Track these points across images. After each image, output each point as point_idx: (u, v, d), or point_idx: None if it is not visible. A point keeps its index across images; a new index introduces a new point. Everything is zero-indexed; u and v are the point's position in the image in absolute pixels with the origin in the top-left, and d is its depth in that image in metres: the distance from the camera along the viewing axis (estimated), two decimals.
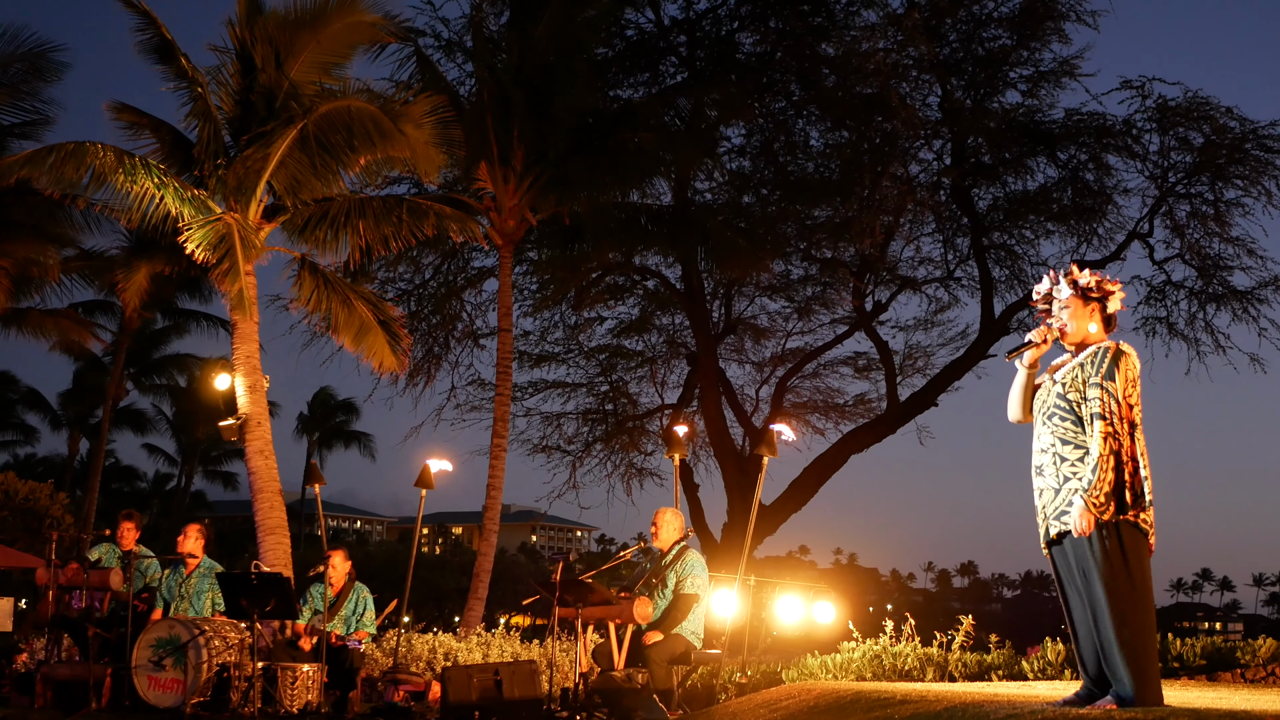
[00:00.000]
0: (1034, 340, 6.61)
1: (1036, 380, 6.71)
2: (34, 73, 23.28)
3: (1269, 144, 22.89)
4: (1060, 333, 6.57)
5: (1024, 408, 6.67)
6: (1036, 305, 6.82)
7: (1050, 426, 6.46)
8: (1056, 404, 6.45)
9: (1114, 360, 6.30)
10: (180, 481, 59.50)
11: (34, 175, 15.38)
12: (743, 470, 24.71)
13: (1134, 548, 6.21)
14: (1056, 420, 6.44)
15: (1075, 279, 6.61)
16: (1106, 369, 6.28)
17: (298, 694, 11.02)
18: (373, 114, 16.07)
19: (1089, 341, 6.52)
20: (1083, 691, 6.46)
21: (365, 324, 17.10)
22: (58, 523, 24.46)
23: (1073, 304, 6.58)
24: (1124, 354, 6.32)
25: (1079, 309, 6.56)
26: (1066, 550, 6.43)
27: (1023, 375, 6.67)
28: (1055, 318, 6.64)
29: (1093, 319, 6.56)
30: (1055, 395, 6.47)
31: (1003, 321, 24.98)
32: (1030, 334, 6.65)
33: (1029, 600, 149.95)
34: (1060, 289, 6.64)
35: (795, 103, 24.39)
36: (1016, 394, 6.70)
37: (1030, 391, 6.67)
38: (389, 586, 16.85)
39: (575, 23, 20.17)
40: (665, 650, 10.35)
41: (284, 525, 16.59)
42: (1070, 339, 6.56)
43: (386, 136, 16.18)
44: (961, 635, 11.39)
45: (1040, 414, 6.55)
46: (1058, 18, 23.29)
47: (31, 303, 28.04)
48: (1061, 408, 6.42)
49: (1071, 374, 6.44)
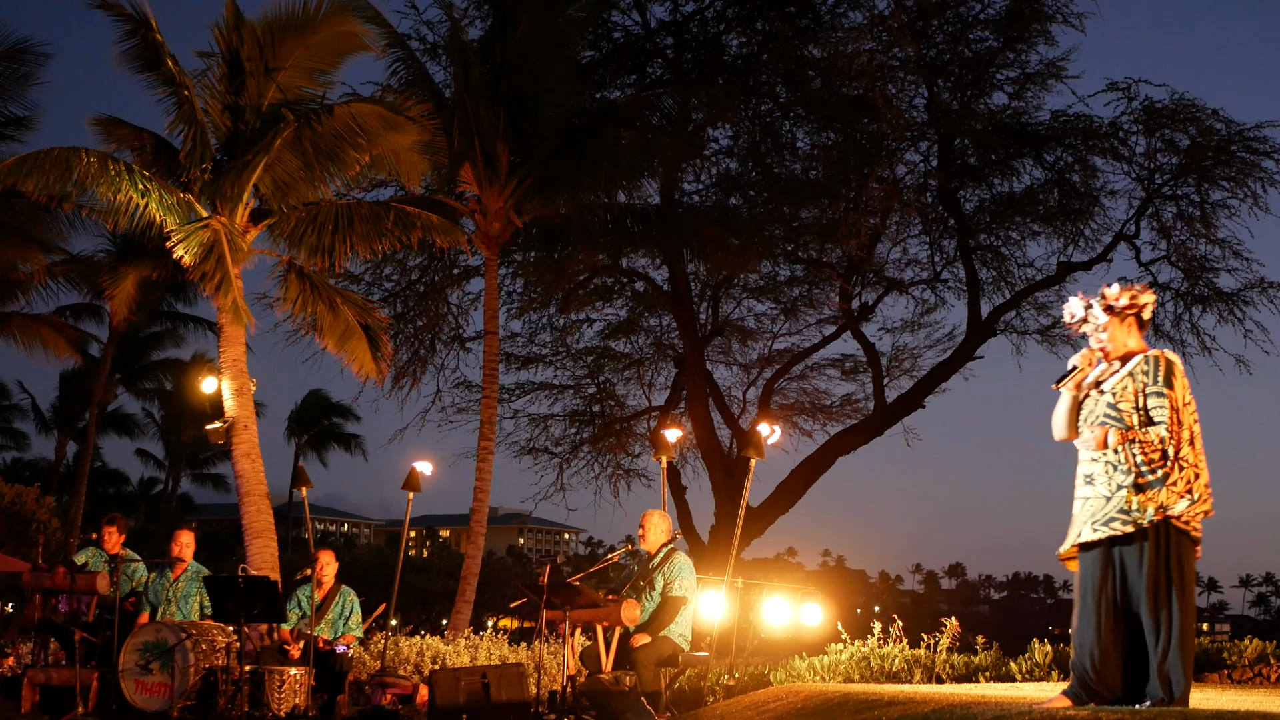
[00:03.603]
0: (1079, 366, 6.73)
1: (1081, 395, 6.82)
2: (16, 72, 23.25)
3: (1255, 146, 22.96)
4: (1103, 354, 6.72)
5: (1071, 426, 6.78)
6: (1070, 327, 6.94)
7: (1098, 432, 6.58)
8: (1107, 414, 6.57)
9: (1169, 370, 6.48)
10: (167, 485, 59.35)
11: (20, 180, 15.34)
12: (730, 472, 24.71)
13: (1185, 554, 6.37)
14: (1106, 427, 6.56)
15: (1109, 303, 6.72)
16: (1164, 378, 6.47)
17: (285, 697, 11.00)
18: (359, 120, 16.05)
19: (1132, 352, 6.67)
20: (1069, 691, 6.52)
21: (349, 328, 17.10)
22: (44, 526, 24.39)
23: (1111, 325, 6.71)
24: (1174, 363, 6.52)
25: (1117, 327, 6.70)
26: (1100, 556, 6.55)
27: (1068, 397, 6.79)
28: (1094, 338, 6.77)
29: (1130, 333, 6.71)
30: (1105, 405, 6.60)
31: (989, 323, 25.02)
32: (1074, 359, 6.77)
33: (1016, 602, 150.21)
34: (1096, 314, 6.74)
35: (782, 104, 24.43)
36: (1063, 415, 6.80)
37: (1076, 410, 6.78)
38: (377, 589, 16.82)
39: (556, 23, 20.14)
40: (653, 652, 10.34)
41: (271, 529, 16.56)
42: (1112, 355, 6.71)
43: (373, 142, 16.18)
44: (949, 637, 11.41)
45: (1088, 425, 6.66)
46: (1044, 20, 23.36)
47: (17, 307, 27.96)
48: (1112, 417, 6.54)
49: (1121, 384, 6.58)
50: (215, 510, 72.47)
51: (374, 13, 19.26)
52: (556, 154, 20.12)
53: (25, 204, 21.85)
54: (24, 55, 23.33)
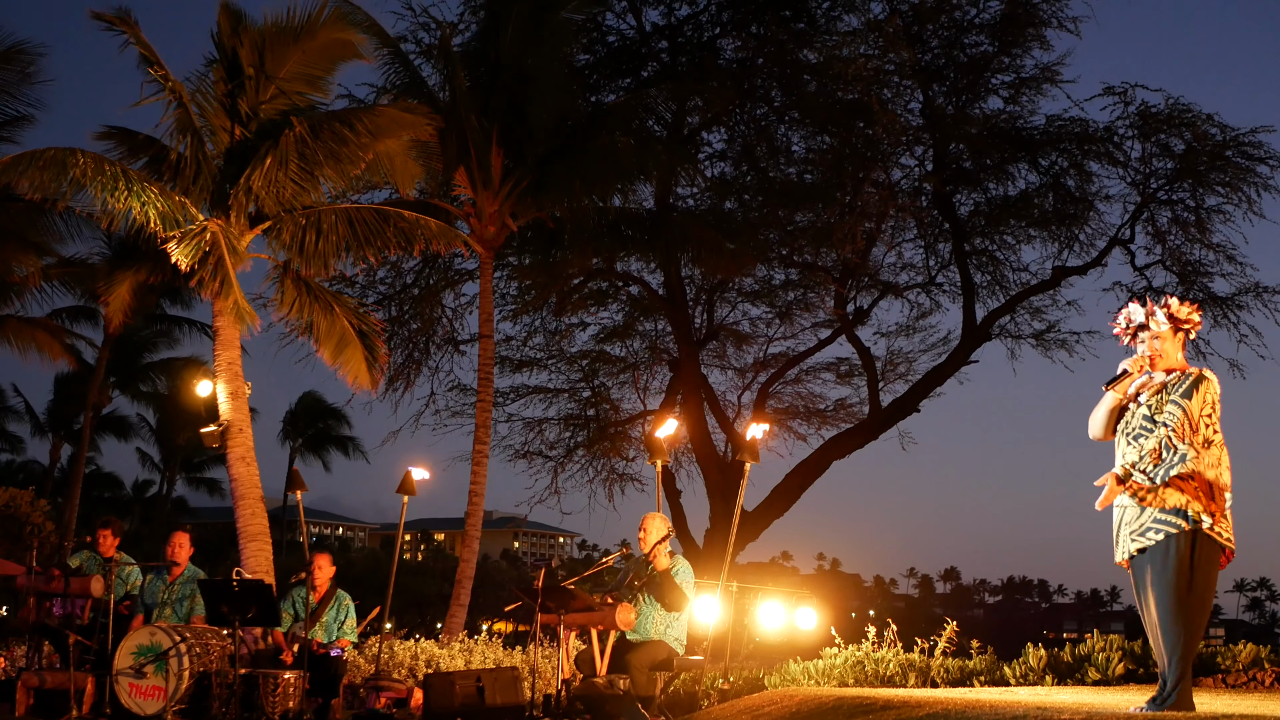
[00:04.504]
0: (1130, 370, 7.00)
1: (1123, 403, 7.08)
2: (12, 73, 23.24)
3: (1250, 151, 22.97)
4: (1152, 361, 6.99)
5: (1108, 428, 7.06)
6: (1118, 332, 7.23)
7: (1136, 447, 6.85)
8: (1143, 425, 6.86)
9: (1195, 383, 6.77)
10: (162, 488, 59.27)
11: (15, 181, 15.34)
12: (725, 476, 24.72)
13: (1202, 557, 6.64)
14: (1143, 441, 6.83)
15: (1173, 312, 7.04)
16: (1186, 390, 6.75)
17: (279, 701, 10.99)
18: (354, 125, 16.06)
19: (1174, 367, 6.97)
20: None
21: (345, 336, 17.11)
22: (38, 530, 24.33)
23: (1165, 336, 7.02)
24: (1206, 379, 6.81)
25: (1170, 340, 7.02)
26: (1143, 562, 6.82)
27: (1112, 399, 7.03)
28: (1148, 345, 7.04)
29: (1179, 347, 7.04)
30: (1141, 418, 6.88)
31: (984, 327, 25.03)
32: (1125, 363, 7.05)
33: (1011, 606, 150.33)
34: (1159, 321, 7.03)
35: (776, 108, 24.42)
36: (1103, 415, 7.07)
37: (1116, 414, 7.04)
38: (371, 593, 16.85)
39: (548, 26, 20.16)
40: (647, 656, 10.35)
41: (266, 532, 16.55)
42: (1160, 365, 6.98)
43: (368, 148, 16.19)
44: (944, 641, 11.41)
45: (1126, 434, 6.95)
46: (1039, 24, 23.41)
47: (11, 310, 27.91)
48: (1148, 429, 6.82)
49: (1156, 396, 6.86)
50: (210, 513, 72.40)
51: (369, 21, 19.29)
52: (550, 158, 20.13)
53: (20, 206, 21.86)
54: (19, 56, 23.30)
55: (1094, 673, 10.46)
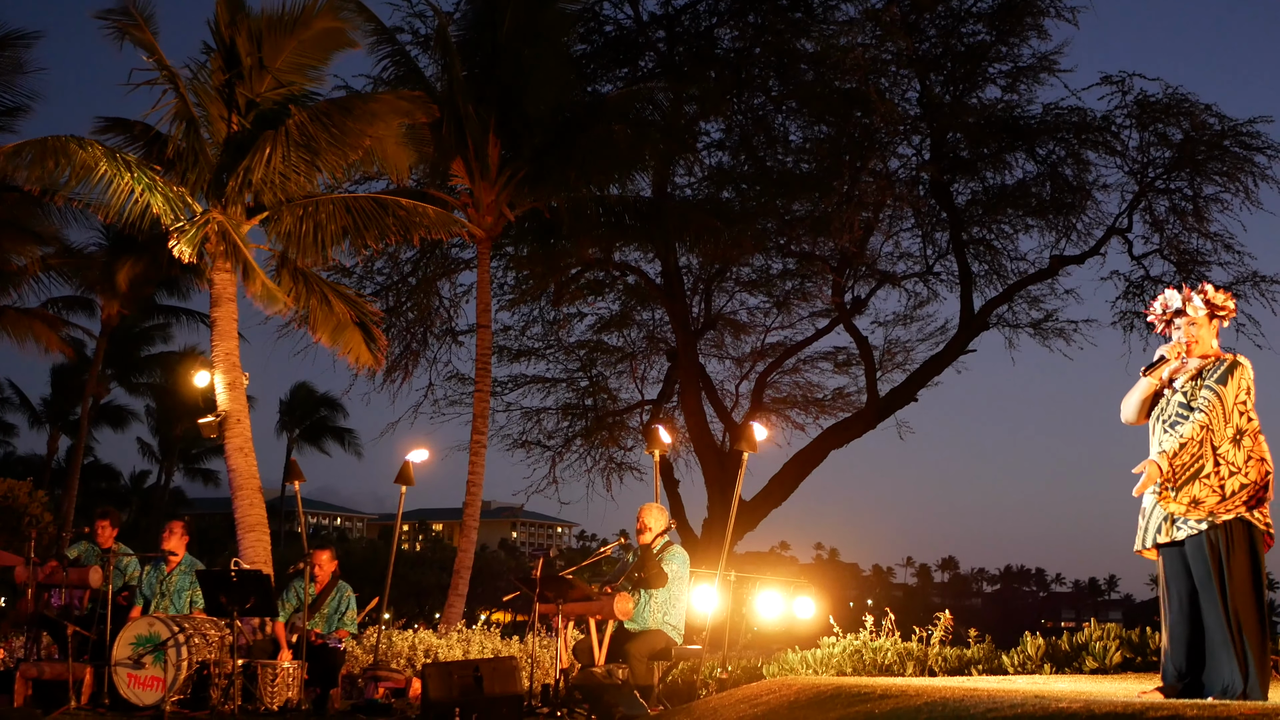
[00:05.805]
0: (1168, 356, 7.03)
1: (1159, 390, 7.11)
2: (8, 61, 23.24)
3: (1247, 140, 22.95)
4: (1188, 347, 7.02)
5: (1142, 412, 7.11)
6: (1153, 319, 7.26)
7: (1172, 435, 6.85)
8: (1178, 412, 6.88)
9: (1229, 369, 6.82)
10: (160, 479, 59.27)
11: (14, 170, 15.32)
12: (723, 466, 24.73)
13: (1245, 544, 6.68)
14: (1180, 428, 6.83)
15: (1210, 299, 7.08)
16: (1220, 375, 6.79)
17: (278, 691, 11.01)
18: (351, 115, 16.06)
19: (1209, 354, 7.00)
20: (1166, 686, 6.83)
21: (342, 322, 17.09)
22: (36, 521, 24.35)
23: (1202, 323, 7.05)
24: (1240, 365, 6.85)
25: (1206, 327, 7.05)
26: (1179, 552, 6.84)
27: (1147, 384, 7.07)
28: (1184, 331, 7.07)
29: (1214, 335, 7.08)
30: (1177, 405, 6.91)
31: (982, 316, 25.03)
32: (1163, 349, 7.07)
33: (1009, 595, 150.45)
34: (1196, 306, 7.06)
35: (774, 98, 24.41)
36: (1137, 399, 7.11)
37: (1150, 399, 7.08)
38: (370, 583, 16.87)
39: (545, 16, 20.14)
40: (646, 646, 10.36)
41: (264, 522, 16.55)
42: (1195, 351, 7.01)
43: (365, 137, 16.17)
44: (941, 630, 11.42)
45: (1160, 421, 6.98)
46: (1037, 13, 23.40)
47: (8, 300, 27.91)
48: (1184, 416, 6.84)
49: (1191, 383, 6.89)
50: (207, 504, 72.41)
51: (365, 10, 19.27)
52: (547, 147, 20.12)
53: (18, 196, 21.84)
54: (15, 44, 23.29)
55: (1091, 661, 10.47)
